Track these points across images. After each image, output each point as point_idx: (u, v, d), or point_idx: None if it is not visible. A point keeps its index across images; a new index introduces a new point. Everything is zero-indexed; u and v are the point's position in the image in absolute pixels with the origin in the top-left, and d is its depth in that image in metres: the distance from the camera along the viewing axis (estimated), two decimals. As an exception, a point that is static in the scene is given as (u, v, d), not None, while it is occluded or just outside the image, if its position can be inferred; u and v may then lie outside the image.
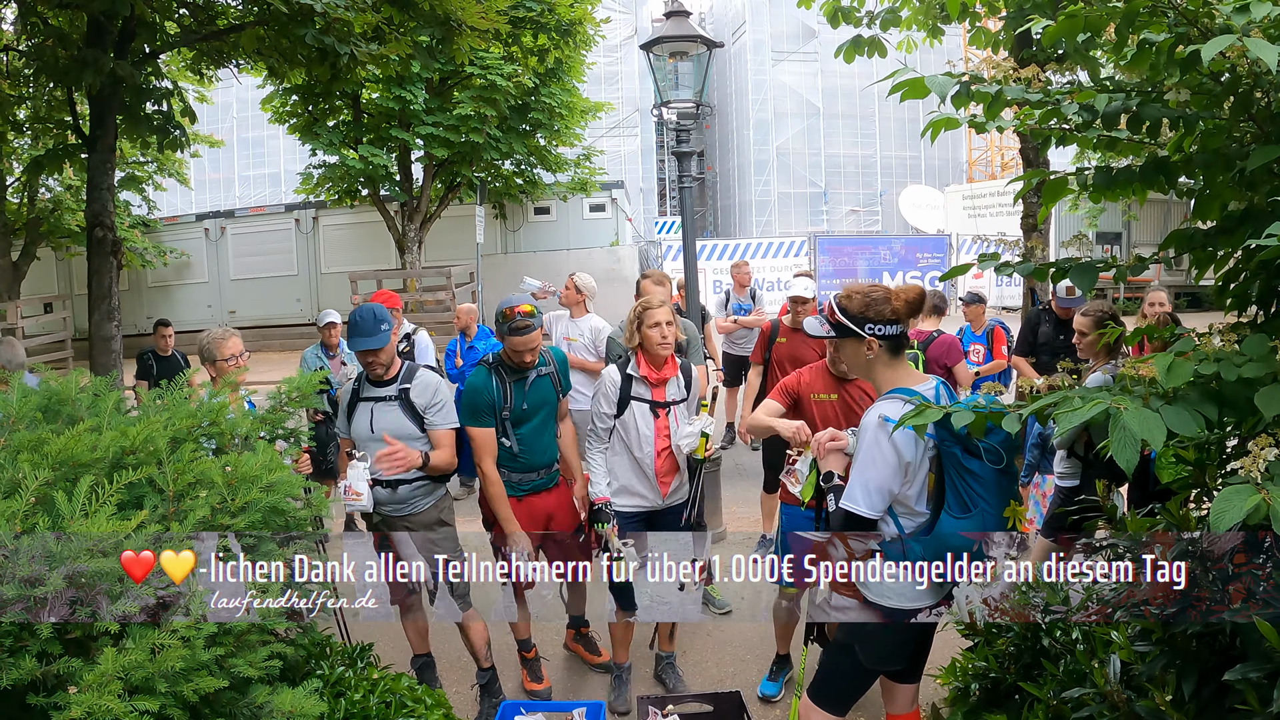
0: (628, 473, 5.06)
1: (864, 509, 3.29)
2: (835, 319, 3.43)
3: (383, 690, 3.67)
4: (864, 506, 3.29)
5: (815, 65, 39.12)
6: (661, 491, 5.08)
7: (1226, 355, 2.35)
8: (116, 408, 3.60)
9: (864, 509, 3.29)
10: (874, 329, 3.34)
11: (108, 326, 7.88)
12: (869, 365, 3.43)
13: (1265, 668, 2.40)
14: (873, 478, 3.29)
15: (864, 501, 3.29)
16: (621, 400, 5.04)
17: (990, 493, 3.16)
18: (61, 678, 2.40)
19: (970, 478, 3.17)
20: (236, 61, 9.03)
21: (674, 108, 7.97)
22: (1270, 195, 2.93)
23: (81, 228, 8.66)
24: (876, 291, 3.40)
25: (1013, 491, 3.24)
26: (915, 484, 3.31)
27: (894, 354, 3.40)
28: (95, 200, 7.86)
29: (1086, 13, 2.88)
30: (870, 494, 3.28)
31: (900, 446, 3.23)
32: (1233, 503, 2.01)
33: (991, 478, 3.16)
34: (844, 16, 8.10)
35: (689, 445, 4.97)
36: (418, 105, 18.94)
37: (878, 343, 3.36)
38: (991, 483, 3.16)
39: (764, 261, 26.49)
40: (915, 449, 3.25)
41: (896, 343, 3.39)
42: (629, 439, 5.02)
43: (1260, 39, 2.26)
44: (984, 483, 3.16)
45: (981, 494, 3.16)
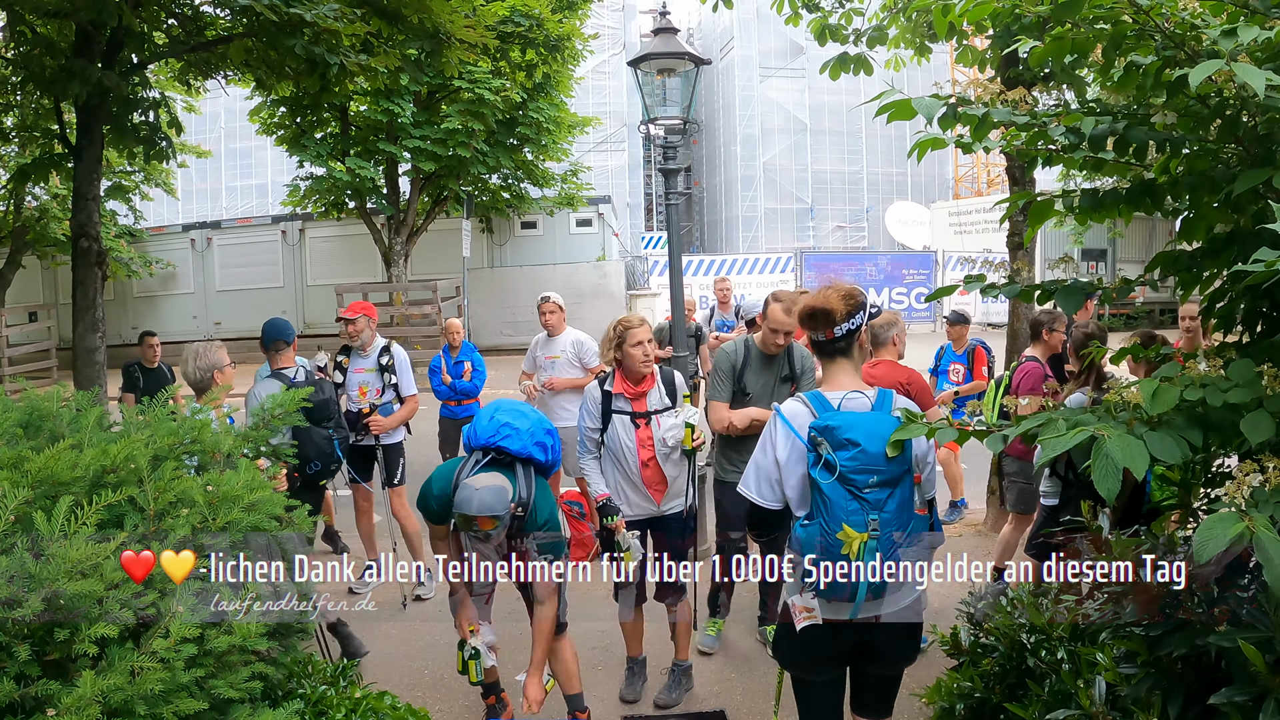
0: (620, 483, 5.15)
1: (754, 494, 3.44)
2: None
3: (365, 709, 3.64)
4: (754, 492, 3.44)
5: (803, 82, 39.28)
6: (655, 499, 5.15)
7: (1213, 380, 2.35)
8: (98, 424, 3.57)
9: (754, 494, 3.44)
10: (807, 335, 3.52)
11: (92, 338, 7.82)
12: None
13: (1251, 691, 2.39)
14: (760, 464, 3.44)
15: (752, 486, 3.45)
16: (604, 414, 5.15)
17: (828, 506, 3.17)
18: (40, 700, 2.37)
19: (814, 486, 3.22)
20: (224, 73, 8.99)
21: (661, 124, 7.97)
22: (1256, 217, 2.94)
23: (67, 237, 8.64)
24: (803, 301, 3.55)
25: (854, 518, 3.17)
26: (790, 485, 3.37)
27: (823, 356, 3.52)
28: (81, 210, 7.80)
29: (1074, 34, 2.89)
30: (757, 481, 3.44)
31: (778, 442, 3.37)
32: (1216, 531, 2.00)
33: (830, 491, 3.17)
34: (831, 34, 8.11)
35: (674, 438, 5.06)
36: (405, 118, 18.94)
37: (810, 346, 3.57)
38: (830, 496, 3.17)
39: (750, 277, 26.57)
40: (788, 448, 3.35)
41: (818, 348, 3.51)
42: (615, 451, 5.14)
43: (1248, 64, 2.26)
44: (823, 494, 3.18)
45: (820, 505, 3.19)
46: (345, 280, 23.48)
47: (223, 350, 5.68)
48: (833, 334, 3.41)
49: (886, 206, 37.89)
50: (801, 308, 3.49)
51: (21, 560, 2.44)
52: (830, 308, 3.39)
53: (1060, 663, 3.51)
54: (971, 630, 4.04)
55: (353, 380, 7.18)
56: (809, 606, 3.29)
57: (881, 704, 3.59)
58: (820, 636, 3.33)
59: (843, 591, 3.19)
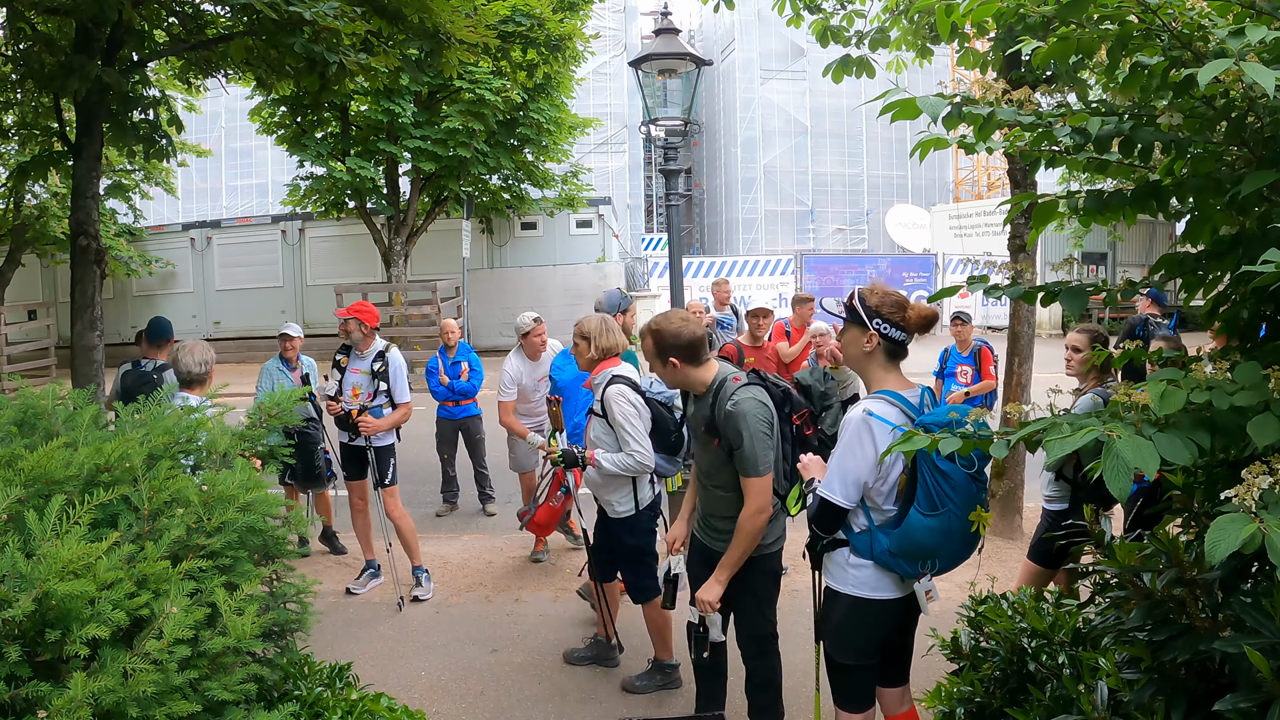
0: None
1: (839, 498, 3.50)
2: (851, 303, 3.63)
3: (361, 711, 3.60)
4: (839, 495, 3.50)
5: (804, 84, 39.31)
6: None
7: (1219, 383, 2.33)
8: (93, 422, 3.55)
9: (839, 498, 3.50)
10: (880, 325, 3.54)
11: (90, 336, 7.79)
12: (865, 359, 3.64)
13: (1256, 697, 2.36)
14: (850, 469, 3.47)
15: (840, 491, 3.50)
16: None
17: (959, 495, 3.33)
18: (30, 701, 2.33)
19: (942, 478, 3.32)
20: (225, 71, 8.97)
21: (662, 125, 7.97)
22: (1261, 220, 2.91)
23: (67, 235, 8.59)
24: (895, 296, 3.60)
25: (979, 498, 3.40)
26: (887, 481, 3.49)
27: (890, 357, 3.60)
28: (80, 209, 7.77)
29: (1079, 35, 2.86)
30: (846, 485, 3.48)
31: (879, 442, 3.41)
32: (1227, 532, 1.97)
33: (962, 481, 3.33)
34: (833, 36, 8.08)
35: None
36: (406, 118, 18.93)
37: (879, 339, 3.56)
38: (961, 485, 3.33)
39: (750, 279, 26.57)
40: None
41: (895, 347, 3.58)
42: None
43: (1257, 63, 2.24)
44: (954, 484, 3.32)
45: (951, 495, 3.32)
46: (345, 280, 23.50)
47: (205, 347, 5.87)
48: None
49: (887, 209, 37.92)
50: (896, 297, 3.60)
51: (13, 560, 2.41)
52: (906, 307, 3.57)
53: (1062, 667, 3.48)
54: (972, 634, 4.01)
55: (347, 380, 7.18)
56: (928, 589, 3.58)
57: (905, 672, 3.94)
58: (882, 619, 3.60)
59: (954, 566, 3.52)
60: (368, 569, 7.53)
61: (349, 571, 7.86)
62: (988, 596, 4.12)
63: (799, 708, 5.22)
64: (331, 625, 6.52)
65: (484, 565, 7.90)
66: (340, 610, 6.95)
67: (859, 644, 3.68)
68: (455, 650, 6.19)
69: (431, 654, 6.15)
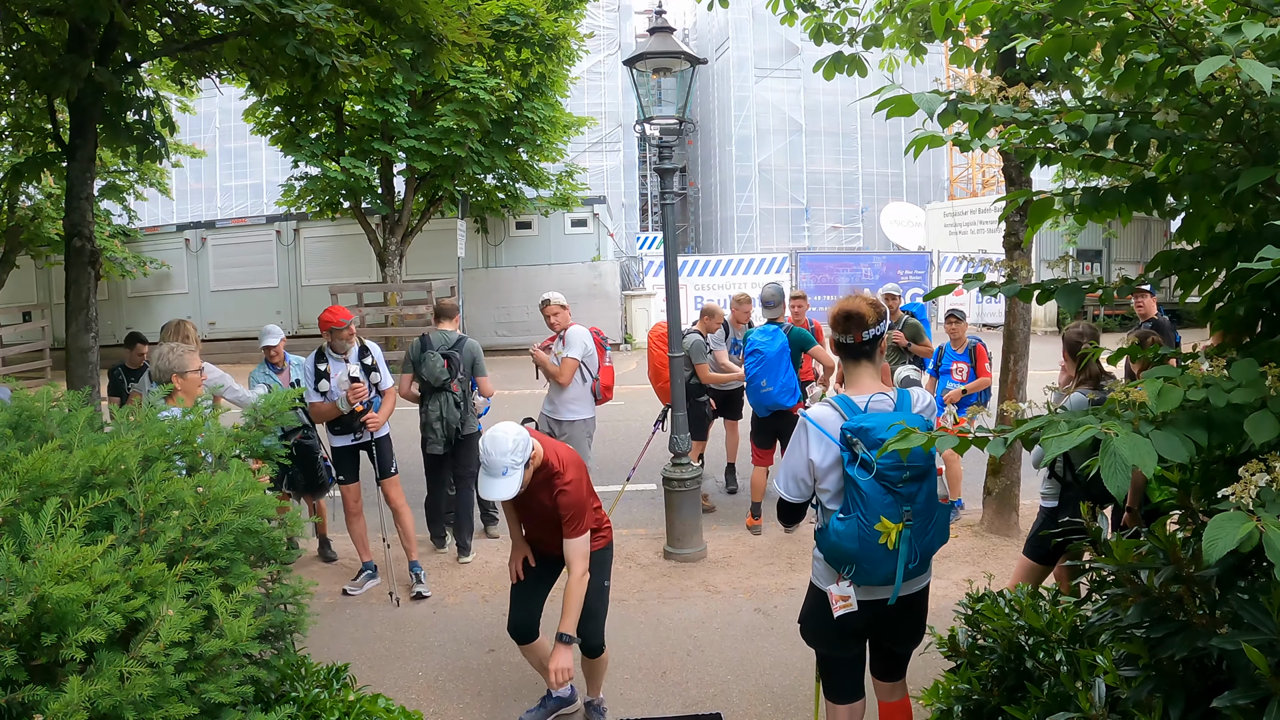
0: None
1: (781, 490, 3.75)
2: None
3: (358, 712, 3.60)
4: (781, 488, 3.75)
5: (798, 82, 39.25)
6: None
7: (1216, 380, 2.33)
8: (88, 424, 3.53)
9: (781, 490, 3.75)
10: (836, 336, 3.80)
11: (84, 338, 7.76)
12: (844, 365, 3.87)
13: (1254, 694, 2.36)
14: (789, 466, 3.72)
15: (781, 484, 3.75)
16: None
17: (865, 501, 3.44)
18: (26, 706, 2.32)
19: (850, 484, 3.47)
20: (218, 72, 8.94)
21: (657, 124, 7.95)
22: (1257, 217, 2.91)
23: (61, 236, 8.61)
24: (842, 306, 3.80)
25: (890, 510, 3.46)
26: (827, 482, 3.62)
27: (849, 358, 3.80)
28: (74, 210, 7.73)
29: (1074, 32, 2.86)
30: (787, 480, 3.73)
31: (810, 445, 3.61)
32: (1225, 530, 1.97)
33: (868, 488, 3.43)
34: (827, 34, 8.07)
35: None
36: (400, 118, 18.90)
37: (834, 347, 3.83)
38: (867, 493, 3.43)
39: (745, 278, 26.55)
40: (821, 450, 3.58)
41: (844, 350, 3.79)
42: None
43: (1253, 60, 2.24)
44: (860, 490, 3.44)
45: (858, 500, 3.45)
46: (340, 280, 23.47)
47: (192, 356, 5.47)
48: (861, 337, 3.70)
49: (881, 207, 37.89)
50: (835, 311, 3.79)
51: (7, 563, 2.40)
52: (861, 312, 3.70)
53: (1059, 665, 3.48)
54: (969, 632, 4.02)
55: (343, 381, 7.19)
56: (845, 595, 3.61)
57: (899, 670, 4.03)
58: (849, 618, 3.65)
59: (882, 577, 3.53)
60: (364, 570, 7.54)
61: (345, 573, 7.85)
62: (985, 594, 4.13)
63: (798, 706, 5.22)
64: (328, 626, 6.52)
65: (481, 565, 7.90)
66: (337, 611, 6.94)
67: (822, 632, 3.82)
68: (452, 650, 6.19)
69: (429, 654, 6.14)
